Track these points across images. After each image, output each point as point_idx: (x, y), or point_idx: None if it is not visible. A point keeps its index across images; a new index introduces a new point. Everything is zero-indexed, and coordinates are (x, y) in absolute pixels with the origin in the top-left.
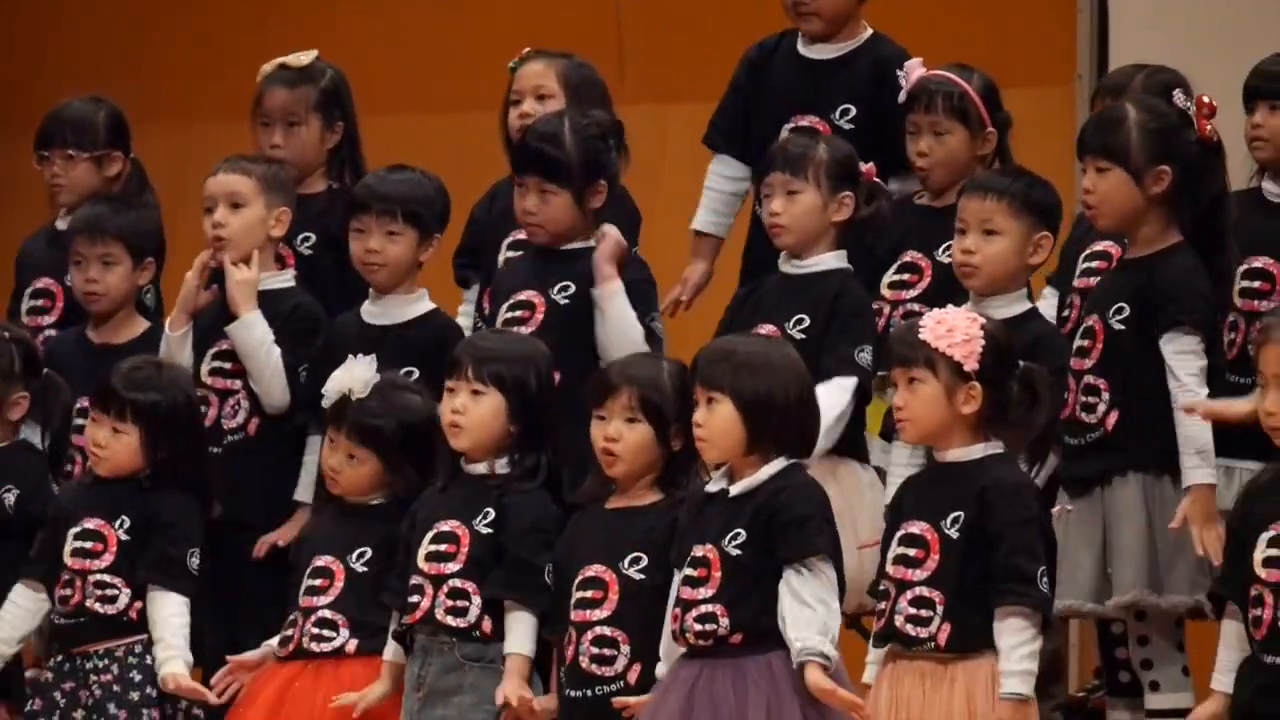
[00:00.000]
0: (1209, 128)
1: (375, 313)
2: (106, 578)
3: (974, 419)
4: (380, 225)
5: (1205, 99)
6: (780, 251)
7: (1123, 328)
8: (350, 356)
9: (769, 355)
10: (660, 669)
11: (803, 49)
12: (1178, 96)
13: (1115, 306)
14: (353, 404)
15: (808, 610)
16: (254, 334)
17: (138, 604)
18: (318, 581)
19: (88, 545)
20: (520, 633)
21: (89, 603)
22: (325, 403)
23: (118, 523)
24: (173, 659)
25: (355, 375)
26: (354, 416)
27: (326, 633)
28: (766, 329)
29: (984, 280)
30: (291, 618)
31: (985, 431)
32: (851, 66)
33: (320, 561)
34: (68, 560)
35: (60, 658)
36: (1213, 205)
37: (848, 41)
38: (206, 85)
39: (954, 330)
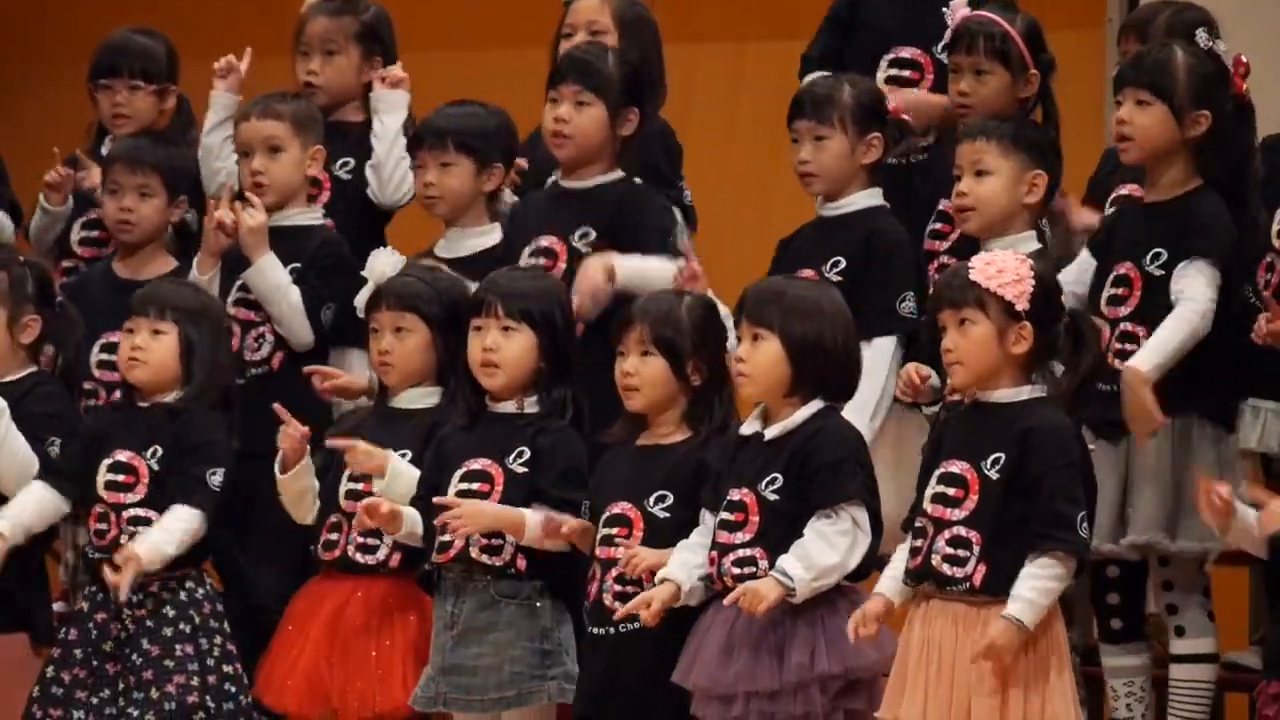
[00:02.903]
0: (1245, 87)
1: (446, 248)
2: (140, 512)
3: (1023, 360)
4: (434, 158)
5: (1244, 59)
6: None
7: (1163, 273)
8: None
9: (819, 300)
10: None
11: None
12: (1200, 36)
13: (1153, 252)
14: (387, 282)
15: (799, 539)
16: (267, 279)
17: None
18: (359, 485)
19: (120, 478)
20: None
21: (123, 539)
22: (360, 300)
23: (149, 453)
24: (139, 541)
25: (382, 261)
26: (393, 288)
27: (371, 541)
28: (805, 273)
29: (979, 222)
30: (334, 520)
31: (1032, 374)
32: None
33: None
34: (102, 492)
35: (94, 588)
36: (1241, 159)
37: None
38: (238, 23)
39: (1004, 270)
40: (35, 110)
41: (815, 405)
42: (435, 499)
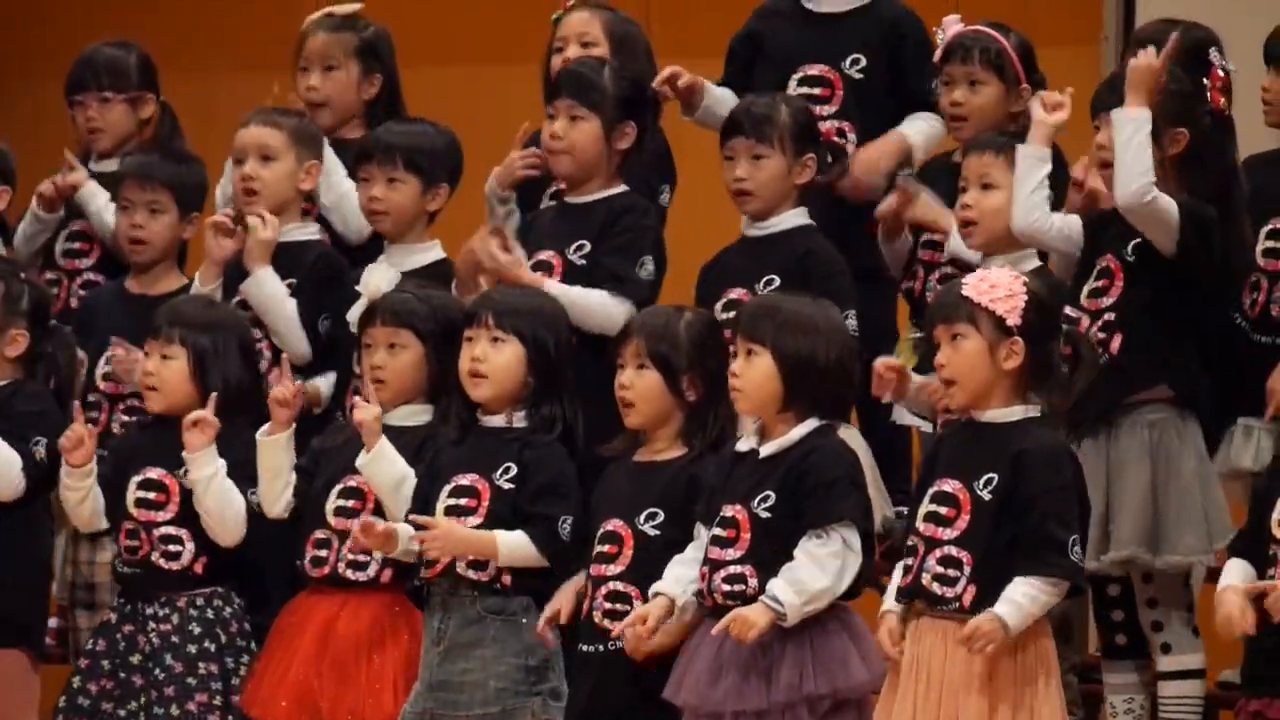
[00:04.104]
0: (1222, 101)
1: (386, 261)
2: (171, 530)
3: (1016, 376)
4: (382, 172)
5: (1220, 72)
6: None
7: (1134, 258)
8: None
9: (814, 317)
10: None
11: (808, 3)
12: (1214, 55)
13: (1134, 243)
14: (382, 298)
15: (790, 562)
16: (264, 290)
17: (202, 559)
18: (350, 503)
19: (150, 496)
20: (514, 543)
21: (154, 557)
22: (353, 315)
23: (181, 471)
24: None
25: (377, 277)
26: (387, 304)
27: (361, 557)
28: (736, 293)
29: (983, 235)
30: (323, 537)
31: (1026, 392)
32: (861, 20)
33: (352, 481)
34: (132, 510)
35: (123, 600)
36: (1225, 176)
37: None
38: (230, 36)
39: (996, 286)
40: (29, 118)
41: (811, 423)
42: (412, 517)
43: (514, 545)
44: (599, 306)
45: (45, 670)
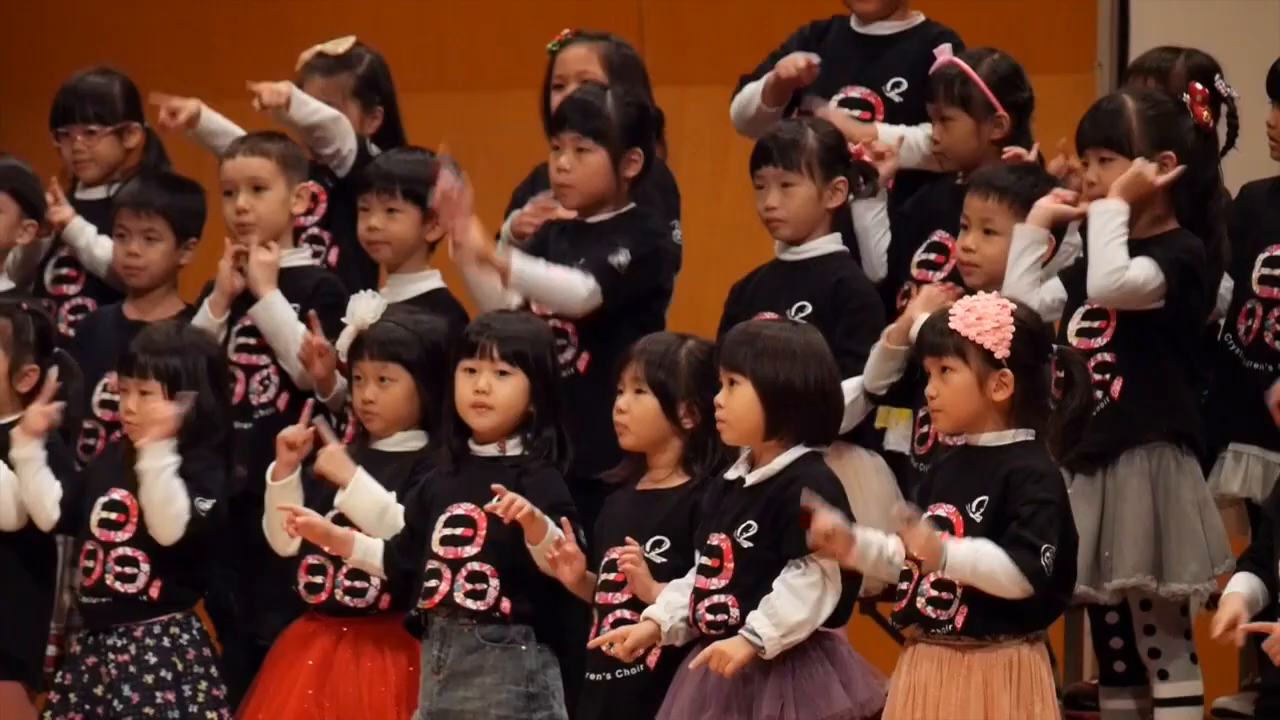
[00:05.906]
0: (1205, 114)
1: (386, 291)
2: (127, 551)
3: (1006, 405)
4: (381, 202)
5: (1199, 87)
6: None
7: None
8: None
9: (791, 341)
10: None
11: (857, 26)
12: (1219, 82)
13: None
14: (369, 329)
15: (768, 594)
16: (274, 314)
17: (157, 582)
18: (342, 529)
19: (112, 516)
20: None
21: (108, 579)
22: (341, 344)
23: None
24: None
25: (364, 306)
26: (374, 336)
27: (359, 584)
28: (767, 317)
29: (983, 278)
30: (316, 562)
31: (1018, 418)
32: (905, 43)
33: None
34: (94, 530)
35: (86, 632)
36: (1205, 190)
37: (902, 22)
38: (219, 60)
39: (984, 318)
40: (26, 146)
41: (796, 451)
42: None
43: None
44: (563, 283)
45: (44, 699)
